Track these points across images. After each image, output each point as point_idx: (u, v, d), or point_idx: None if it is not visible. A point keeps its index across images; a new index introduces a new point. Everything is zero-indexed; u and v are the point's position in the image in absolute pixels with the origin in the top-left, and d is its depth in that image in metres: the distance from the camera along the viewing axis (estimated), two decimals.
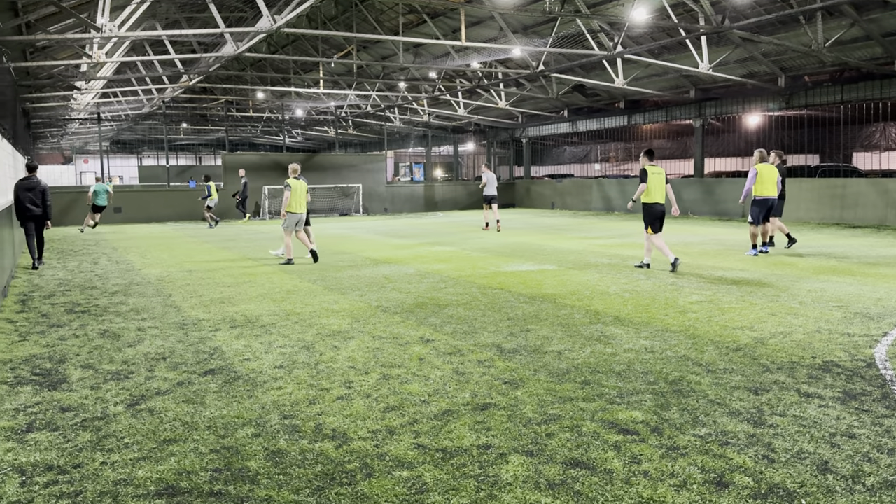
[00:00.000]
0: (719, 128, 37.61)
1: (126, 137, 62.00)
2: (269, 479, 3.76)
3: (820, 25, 18.54)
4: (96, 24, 15.14)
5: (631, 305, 8.40)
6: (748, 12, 18.91)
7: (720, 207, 24.60)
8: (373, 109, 38.66)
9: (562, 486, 3.63)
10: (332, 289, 9.98)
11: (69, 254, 15.43)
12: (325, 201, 29.95)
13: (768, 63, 22.78)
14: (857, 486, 3.57)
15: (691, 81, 26.15)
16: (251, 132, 57.96)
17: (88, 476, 3.84)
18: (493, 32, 25.02)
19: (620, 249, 14.54)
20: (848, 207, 20.42)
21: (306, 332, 7.25)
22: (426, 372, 5.72)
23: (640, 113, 30.53)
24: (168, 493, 3.62)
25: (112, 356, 6.37)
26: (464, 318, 7.82)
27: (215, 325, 7.67)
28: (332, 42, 30.09)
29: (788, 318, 7.57)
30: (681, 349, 6.31)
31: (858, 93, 22.21)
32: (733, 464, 3.86)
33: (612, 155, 46.28)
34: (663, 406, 4.81)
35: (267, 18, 16.00)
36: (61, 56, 24.42)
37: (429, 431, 4.42)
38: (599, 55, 21.20)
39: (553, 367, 5.78)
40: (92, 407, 4.98)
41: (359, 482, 3.72)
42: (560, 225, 21.94)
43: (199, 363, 6.08)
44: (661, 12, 19.51)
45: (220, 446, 4.22)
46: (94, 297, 9.57)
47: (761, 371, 5.59)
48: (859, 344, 6.40)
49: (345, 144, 59.14)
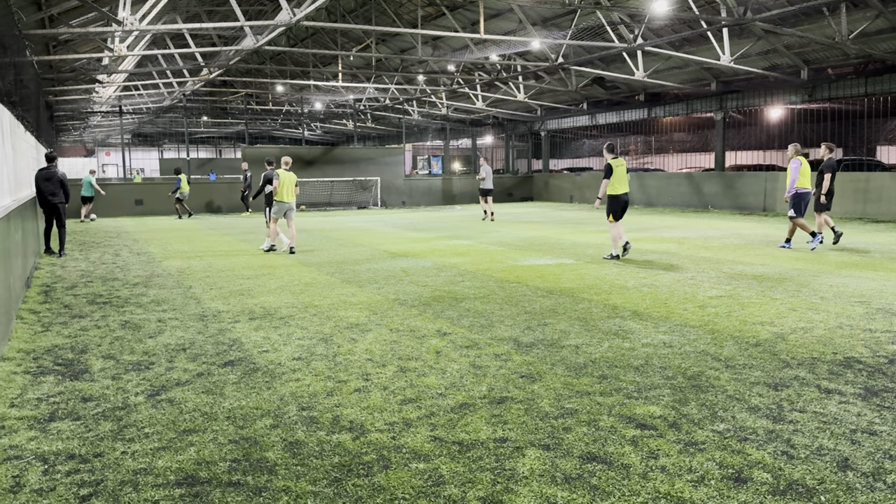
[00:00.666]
0: (741, 121, 37.23)
1: (147, 130, 62.60)
2: (287, 470, 3.79)
3: (844, 17, 18.25)
4: (118, 17, 15.27)
5: (649, 300, 8.35)
6: (771, 4, 18.67)
7: (741, 201, 24.36)
8: (391, 102, 38.68)
9: (578, 481, 3.63)
10: (350, 281, 10.02)
11: (91, 245, 15.62)
12: (343, 194, 30.05)
13: (791, 55, 22.48)
14: (877, 484, 3.53)
15: (712, 74, 25.88)
16: (270, 125, 58.25)
17: (109, 465, 3.89)
18: (512, 25, 24.91)
19: (639, 244, 14.45)
20: (871, 202, 20.14)
21: (324, 324, 7.29)
22: (443, 365, 5.73)
23: (661, 106, 30.27)
24: (187, 483, 3.66)
25: (133, 347, 6.45)
26: (481, 311, 7.82)
27: (234, 316, 7.73)
28: (350, 35, 30.12)
29: (809, 313, 7.49)
30: (700, 344, 6.26)
31: (883, 85, 21.85)
32: (752, 459, 3.83)
33: (632, 148, 45.97)
34: (681, 401, 4.78)
35: (286, 12, 16.05)
36: (83, 49, 24.67)
37: (445, 424, 4.43)
38: (619, 47, 21.03)
39: (570, 362, 5.77)
40: (113, 397, 5.04)
41: (375, 474, 3.74)
42: (578, 218, 21.84)
43: (218, 354, 6.13)
44: (683, 4, 19.32)
45: (238, 437, 4.26)
46: (116, 289, 9.69)
47: (781, 367, 5.54)
48: (881, 340, 6.32)
49: (363, 137, 59.26)
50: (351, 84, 33.64)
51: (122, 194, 26.66)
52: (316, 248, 14.47)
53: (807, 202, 12.98)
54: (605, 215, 12.24)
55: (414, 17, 25.46)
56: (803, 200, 12.92)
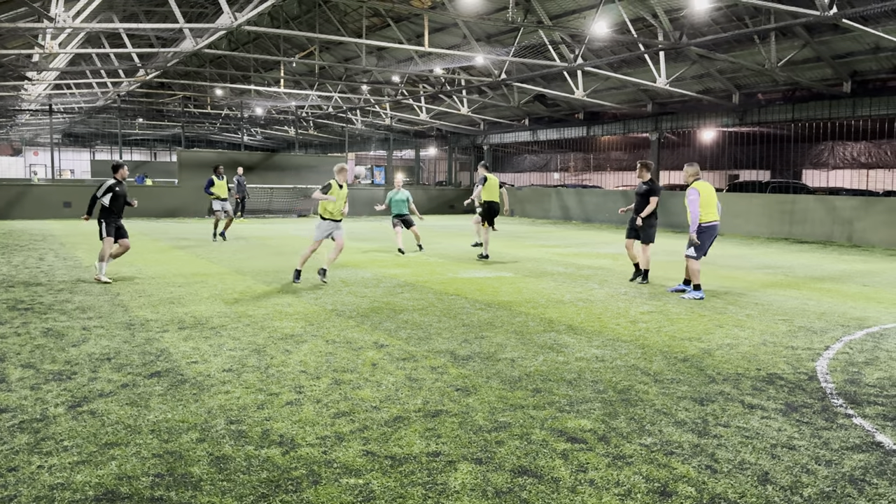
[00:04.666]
0: (675, 142, 38.37)
1: (79, 130, 60.50)
2: (213, 486, 3.69)
3: (773, 45, 19.07)
4: (50, 13, 14.74)
5: (584, 314, 8.49)
6: (705, 30, 19.37)
7: (673, 220, 25.07)
8: (334, 111, 38.43)
9: (509, 495, 3.64)
10: (287, 291, 9.87)
11: (14, 248, 14.96)
12: (283, 202, 29.65)
13: (723, 80, 23.34)
14: (794, 498, 3.66)
15: (649, 95, 26.63)
16: (209, 129, 57.07)
17: (24, 480, 3.71)
18: (457, 39, 25.12)
19: (577, 258, 14.70)
20: (796, 223, 21.01)
21: (258, 334, 7.16)
22: (378, 377, 5.69)
23: (599, 125, 30.97)
24: (107, 499, 3.53)
25: (55, 356, 6.19)
26: (419, 323, 7.81)
27: (163, 325, 7.51)
28: (294, 41, 29.84)
29: (735, 330, 7.75)
30: (630, 358, 6.40)
31: (809, 112, 22.90)
32: (677, 473, 3.93)
33: (571, 165, 46.82)
34: (611, 415, 4.87)
35: (228, 15, 15.79)
36: (12, 45, 23.72)
37: (378, 438, 4.39)
38: (560, 66, 21.44)
39: (505, 375, 5.81)
40: (31, 408, 4.82)
41: (304, 489, 3.67)
42: (519, 232, 22.09)
43: (144, 365, 5.94)
44: (622, 26, 19.84)
45: (163, 451, 4.13)
46: (39, 294, 9.29)
47: (707, 382, 5.71)
48: (802, 357, 6.58)
49: (305, 145, 58.65)
50: (293, 91, 33.27)
51: (49, 196, 25.66)
52: (252, 255, 14.21)
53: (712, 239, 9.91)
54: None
55: (359, 27, 25.40)
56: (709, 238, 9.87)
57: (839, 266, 14.07)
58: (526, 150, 48.08)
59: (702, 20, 18.72)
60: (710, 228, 9.81)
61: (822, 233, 20.26)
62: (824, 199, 21.07)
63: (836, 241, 19.73)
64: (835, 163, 35.33)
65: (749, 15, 18.41)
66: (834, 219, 20.07)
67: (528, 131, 35.10)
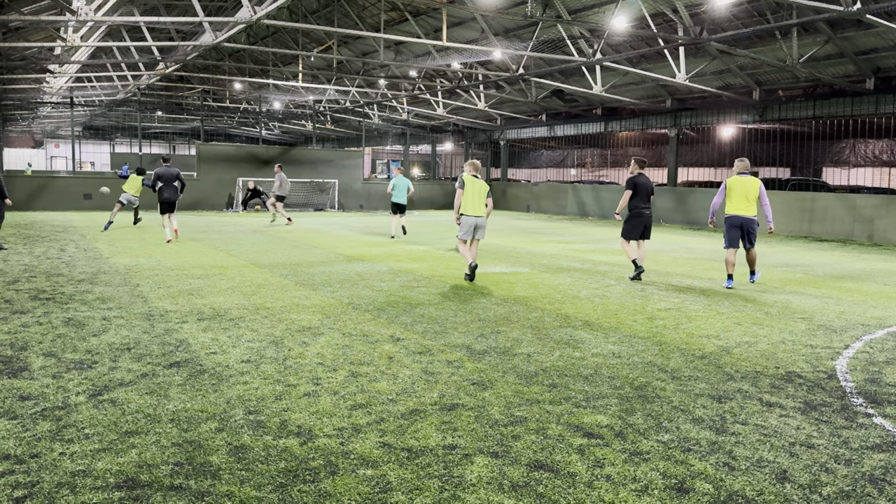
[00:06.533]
0: (694, 138, 38.08)
1: (99, 123, 61.04)
2: (232, 475, 3.73)
3: (795, 41, 18.85)
4: (72, 6, 14.88)
5: (601, 310, 8.46)
6: (726, 25, 19.17)
7: (692, 216, 24.91)
8: (352, 105, 38.49)
9: (525, 489, 3.65)
10: (304, 284, 9.92)
11: (36, 239, 15.15)
12: (300, 196, 29.76)
13: (744, 76, 23.11)
14: (813, 496, 3.64)
15: (668, 91, 26.43)
16: (227, 123, 57.37)
17: (46, 466, 3.77)
18: (475, 34, 25.05)
19: (593, 255, 14.65)
20: (816, 221, 20.80)
21: (275, 326, 7.20)
22: (395, 370, 5.71)
23: (617, 120, 30.79)
24: (127, 486, 3.57)
25: (76, 345, 6.27)
26: (435, 317, 7.82)
27: (182, 316, 7.58)
28: (312, 36, 29.90)
29: (754, 328, 7.69)
30: (647, 355, 6.37)
31: (830, 109, 22.63)
32: (694, 470, 3.91)
33: (588, 161, 46.62)
34: (628, 411, 4.85)
35: (247, 9, 15.86)
36: (35, 38, 23.97)
37: (395, 430, 4.41)
38: (579, 61, 21.33)
39: (522, 370, 5.81)
40: (53, 396, 4.89)
41: (322, 480, 3.70)
42: (535, 228, 22.04)
43: (164, 355, 6.00)
44: (641, 21, 19.70)
45: (182, 440, 4.17)
46: (60, 285, 9.41)
47: (725, 379, 5.67)
48: (821, 356, 6.52)
49: (322, 139, 58.81)
50: (311, 85, 33.35)
51: (70, 188, 25.94)
52: (270, 249, 14.30)
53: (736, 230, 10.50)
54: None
55: (377, 21, 25.41)
56: (730, 228, 10.55)
57: (859, 265, 13.92)
58: (543, 146, 47.93)
59: (722, 15, 18.53)
60: (730, 219, 10.56)
61: (843, 231, 20.05)
62: (845, 197, 20.83)
63: (856, 240, 19.51)
64: (856, 160, 34.90)
65: (770, 10, 18.20)
66: (854, 217, 19.85)
67: (545, 127, 34.97)
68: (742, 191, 10.41)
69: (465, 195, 10.51)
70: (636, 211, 11.24)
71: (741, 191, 10.42)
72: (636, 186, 11.18)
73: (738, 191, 10.44)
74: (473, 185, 10.54)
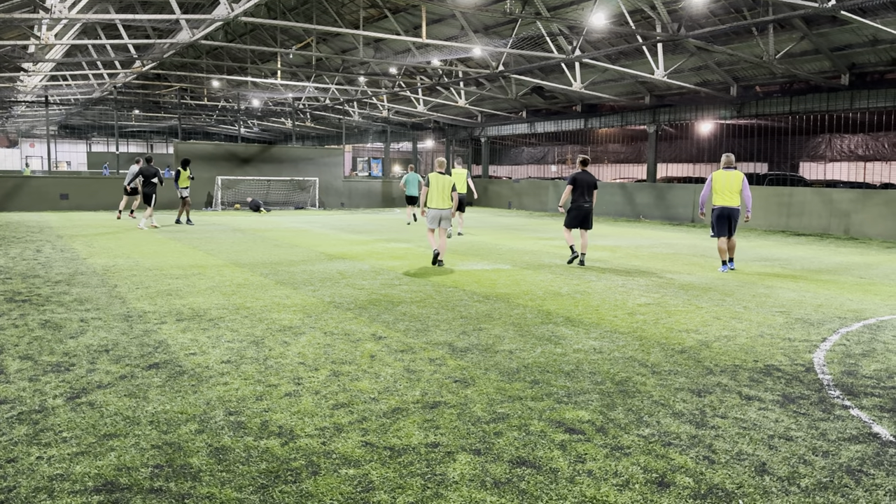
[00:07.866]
0: (673, 134, 38.37)
1: (75, 122, 60.29)
2: (212, 477, 3.70)
3: (771, 38, 19.04)
4: (45, 4, 14.67)
5: (582, 306, 8.50)
6: (703, 22, 19.32)
7: (671, 212, 25.08)
8: (331, 103, 38.33)
9: (507, 485, 3.66)
10: (285, 283, 9.87)
11: (11, 240, 14.93)
12: (280, 194, 29.60)
13: (721, 72, 23.30)
14: (792, 488, 3.68)
15: (647, 87, 26.59)
16: (205, 121, 56.91)
17: (23, 471, 3.72)
18: (454, 31, 25.04)
19: None
20: (793, 216, 21.04)
21: (256, 326, 7.16)
22: (377, 369, 5.70)
23: (597, 117, 30.93)
24: (106, 489, 3.53)
25: (53, 347, 6.19)
26: (417, 315, 7.82)
27: (161, 317, 7.51)
28: (291, 33, 29.73)
29: (732, 322, 7.76)
30: (628, 350, 6.41)
31: (806, 104, 22.89)
32: (675, 464, 3.94)
33: (569, 157, 46.79)
34: (609, 406, 4.88)
35: (224, 6, 15.72)
36: (8, 36, 23.59)
37: (377, 429, 4.40)
38: (558, 58, 21.40)
39: (504, 367, 5.82)
40: (30, 399, 4.82)
41: (304, 480, 3.68)
42: (516, 225, 22.09)
43: (143, 356, 5.94)
44: (620, 18, 19.79)
45: (161, 442, 4.13)
46: (36, 286, 9.28)
47: (705, 373, 5.72)
48: (799, 349, 6.60)
49: (302, 137, 58.51)
50: (290, 82, 33.16)
51: (46, 188, 25.59)
52: (250, 248, 14.20)
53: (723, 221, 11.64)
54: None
55: (356, 18, 25.31)
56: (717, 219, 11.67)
57: (836, 258, 14.10)
58: (523, 143, 48.05)
59: (700, 12, 18.67)
60: (718, 210, 11.62)
61: (819, 225, 20.29)
62: (821, 191, 21.09)
63: (833, 234, 19.76)
64: (832, 155, 35.36)
65: (747, 7, 18.37)
66: (831, 211, 20.10)
67: (525, 124, 35.05)
68: (727, 183, 11.58)
69: (430, 191, 11.81)
70: (576, 204, 12.39)
71: (726, 183, 11.58)
72: (575, 182, 12.36)
73: (723, 183, 11.60)
74: (438, 181, 11.79)
